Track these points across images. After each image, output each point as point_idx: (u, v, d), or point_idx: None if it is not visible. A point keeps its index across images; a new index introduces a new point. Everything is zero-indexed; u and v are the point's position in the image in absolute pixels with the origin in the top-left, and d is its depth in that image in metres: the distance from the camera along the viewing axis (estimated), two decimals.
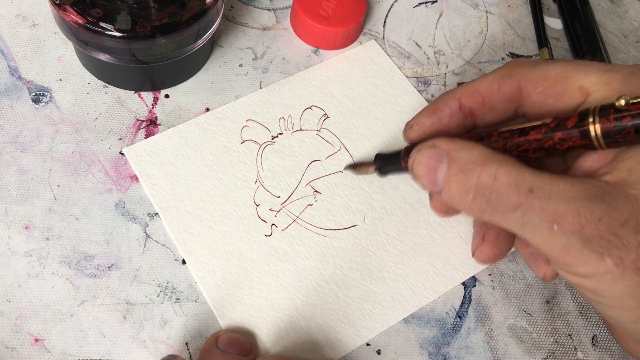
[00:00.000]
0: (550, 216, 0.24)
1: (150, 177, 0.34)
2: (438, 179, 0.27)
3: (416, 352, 0.32)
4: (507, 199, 0.24)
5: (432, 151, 0.27)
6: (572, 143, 0.25)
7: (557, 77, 0.27)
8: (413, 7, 0.45)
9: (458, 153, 0.26)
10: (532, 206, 0.24)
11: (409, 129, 0.31)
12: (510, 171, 0.25)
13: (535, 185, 0.24)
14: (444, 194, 0.27)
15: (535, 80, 0.28)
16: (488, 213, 0.25)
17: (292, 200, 0.35)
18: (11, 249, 0.32)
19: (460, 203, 0.26)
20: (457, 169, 0.26)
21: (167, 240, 0.33)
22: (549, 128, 0.25)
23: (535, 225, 0.24)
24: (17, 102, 0.36)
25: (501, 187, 0.25)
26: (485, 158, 0.25)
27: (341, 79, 0.40)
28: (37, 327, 0.30)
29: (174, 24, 0.33)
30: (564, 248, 0.24)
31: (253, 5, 0.42)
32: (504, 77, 0.29)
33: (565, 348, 0.33)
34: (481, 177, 0.25)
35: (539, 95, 0.28)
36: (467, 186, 0.25)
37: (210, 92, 0.38)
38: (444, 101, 0.30)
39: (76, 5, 0.32)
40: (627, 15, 0.48)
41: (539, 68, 0.28)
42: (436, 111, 0.30)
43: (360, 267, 0.34)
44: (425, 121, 0.30)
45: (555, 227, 0.24)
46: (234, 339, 0.30)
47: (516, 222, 0.25)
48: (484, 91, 0.29)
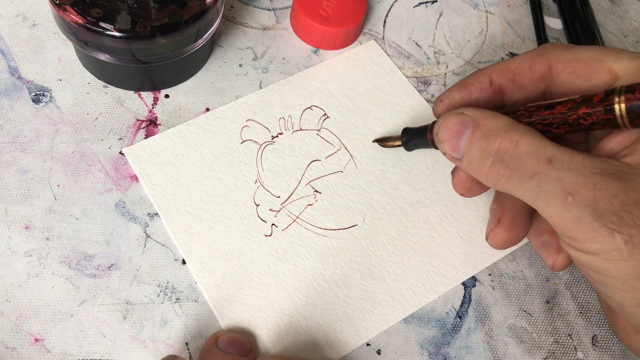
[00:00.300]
0: (566, 187, 0.24)
1: (150, 177, 0.34)
2: (461, 145, 0.27)
3: (416, 352, 0.32)
4: (526, 166, 0.25)
5: (458, 117, 0.28)
6: (596, 118, 0.25)
7: (588, 60, 0.27)
8: (413, 7, 0.45)
9: (484, 120, 0.27)
10: (549, 176, 0.24)
11: (438, 102, 0.31)
12: (532, 140, 0.25)
13: (555, 157, 0.24)
14: (465, 159, 0.27)
15: (566, 61, 0.28)
16: (505, 179, 0.26)
17: (292, 200, 0.35)
18: (11, 249, 0.32)
19: (479, 169, 0.27)
20: (481, 134, 0.26)
21: (167, 240, 0.33)
22: (575, 102, 0.26)
23: (550, 195, 0.24)
24: (17, 102, 0.36)
25: (521, 153, 0.25)
26: (509, 126, 0.26)
27: (341, 79, 0.40)
28: (37, 327, 0.30)
29: (174, 24, 0.33)
30: (575, 220, 0.24)
31: (253, 5, 0.42)
32: (535, 57, 0.29)
33: (565, 348, 0.33)
34: (503, 143, 0.26)
35: (568, 75, 0.28)
36: (488, 151, 0.26)
37: (210, 92, 0.38)
38: (475, 76, 0.30)
39: (76, 5, 0.32)
40: (627, 15, 0.48)
41: (572, 50, 0.28)
42: (466, 86, 0.30)
43: (360, 267, 0.34)
44: (455, 95, 0.31)
45: (570, 199, 0.24)
46: (234, 339, 0.30)
47: (531, 191, 0.25)
48: (515, 69, 0.30)
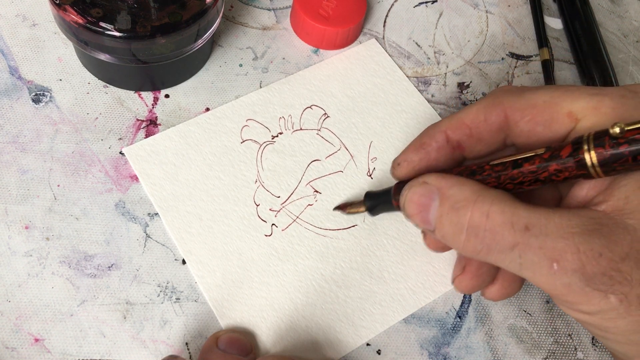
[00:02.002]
0: (549, 255, 0.23)
1: (150, 177, 0.34)
2: (430, 218, 0.26)
3: (416, 352, 0.32)
4: (503, 239, 0.24)
5: (423, 188, 0.26)
6: (569, 174, 0.24)
7: (544, 104, 0.26)
8: (413, 7, 0.45)
9: (450, 190, 0.25)
10: (530, 245, 0.23)
11: (396, 166, 0.30)
12: (504, 209, 0.24)
13: (531, 222, 0.23)
14: (437, 232, 0.26)
15: (522, 109, 0.27)
16: (483, 253, 0.25)
17: (292, 200, 0.35)
18: (11, 249, 0.32)
19: (454, 243, 0.25)
20: (449, 207, 0.25)
21: (167, 240, 0.33)
22: (543, 159, 0.25)
23: (535, 264, 0.23)
24: (17, 102, 0.36)
25: (495, 226, 0.24)
26: (477, 195, 0.25)
27: (341, 78, 0.40)
28: (37, 327, 0.30)
29: (174, 24, 0.33)
30: (565, 287, 0.23)
31: (253, 5, 0.42)
32: (489, 107, 0.28)
33: (565, 348, 0.33)
34: (473, 216, 0.24)
35: (527, 123, 0.27)
36: (460, 225, 0.25)
37: (210, 92, 0.38)
38: (430, 135, 0.29)
39: (76, 5, 0.32)
40: (627, 15, 0.48)
41: (525, 96, 0.27)
42: (423, 146, 0.29)
43: (360, 267, 0.34)
44: (412, 157, 0.29)
45: (556, 266, 0.23)
46: (234, 339, 0.30)
47: (514, 263, 0.24)
48: (470, 122, 0.28)
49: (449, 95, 0.41)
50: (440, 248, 0.31)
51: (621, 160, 0.23)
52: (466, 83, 0.42)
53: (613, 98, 0.25)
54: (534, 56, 0.44)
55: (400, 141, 0.38)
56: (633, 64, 0.45)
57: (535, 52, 0.44)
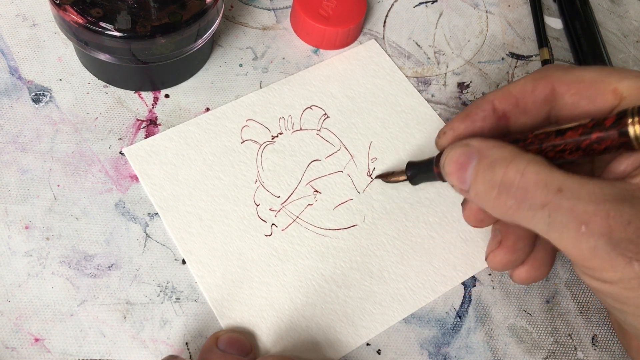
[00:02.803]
0: (579, 217, 0.23)
1: (150, 177, 0.34)
2: (467, 177, 0.27)
3: (416, 352, 0.32)
4: (534, 197, 0.24)
5: (463, 149, 0.27)
6: (610, 142, 0.24)
7: (591, 80, 0.27)
8: (413, 7, 0.45)
9: (490, 150, 0.26)
10: (561, 206, 0.23)
11: (442, 135, 0.30)
12: (539, 170, 0.24)
13: (565, 185, 0.24)
14: (472, 191, 0.27)
15: (569, 82, 0.28)
16: (512, 211, 0.25)
17: (292, 200, 0.35)
18: (11, 249, 0.32)
19: (486, 200, 0.26)
20: (486, 165, 0.26)
21: (167, 240, 0.33)
22: (587, 128, 0.25)
23: (563, 225, 0.24)
24: (17, 102, 0.36)
25: (529, 183, 0.24)
26: (514, 155, 0.25)
27: (341, 78, 0.40)
28: (37, 327, 0.30)
29: (174, 24, 0.33)
30: (591, 251, 0.23)
31: (253, 5, 0.42)
32: (537, 79, 0.28)
33: (565, 348, 0.33)
34: (508, 173, 0.25)
35: (572, 97, 0.27)
36: (493, 182, 0.25)
37: (210, 92, 0.38)
38: (477, 105, 0.30)
39: (76, 5, 0.32)
40: (627, 15, 0.48)
41: (573, 71, 0.28)
42: (469, 115, 0.30)
43: (360, 267, 0.34)
44: (458, 126, 0.30)
45: (584, 229, 0.23)
46: (234, 339, 0.30)
47: (542, 222, 0.24)
48: (518, 93, 0.29)
49: (449, 95, 0.41)
50: (478, 221, 0.31)
51: None
52: (466, 83, 0.42)
53: None
54: (534, 56, 0.44)
55: (400, 141, 0.38)
56: (633, 64, 0.45)
57: (535, 52, 0.44)
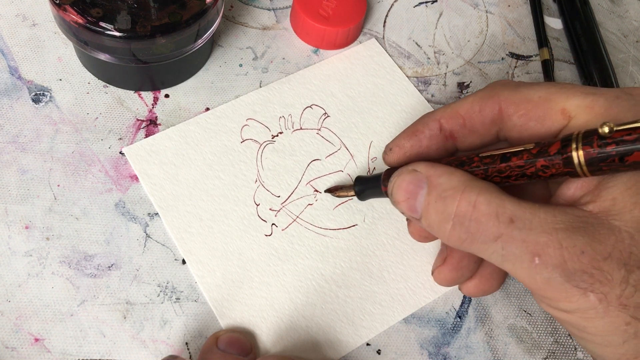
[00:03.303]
0: (531, 248, 0.23)
1: (150, 177, 0.34)
2: (417, 206, 0.26)
3: (416, 352, 0.32)
4: (487, 229, 0.24)
5: (412, 176, 0.26)
6: (555, 170, 0.24)
7: (539, 100, 0.26)
8: (413, 7, 0.45)
9: (439, 179, 0.25)
10: (513, 237, 0.23)
11: (388, 151, 0.30)
12: (490, 200, 0.24)
13: (516, 215, 0.23)
14: (423, 220, 0.26)
15: (516, 102, 0.27)
16: (467, 243, 0.25)
17: (292, 199, 0.35)
18: (11, 249, 0.32)
19: (439, 231, 0.25)
20: (437, 196, 0.25)
21: (167, 240, 0.33)
22: (531, 154, 0.25)
23: (516, 257, 0.23)
24: (17, 102, 0.36)
25: (480, 216, 0.24)
26: (465, 185, 0.25)
27: (341, 77, 0.40)
28: (37, 327, 0.30)
29: (174, 24, 0.33)
30: (545, 282, 0.23)
31: (253, 5, 0.42)
32: (484, 99, 0.28)
33: (565, 348, 0.33)
34: (460, 205, 0.24)
35: (520, 117, 0.27)
36: (446, 214, 0.25)
37: (210, 92, 0.38)
38: (424, 123, 0.29)
39: (76, 5, 0.32)
40: (627, 15, 0.48)
41: (521, 90, 0.27)
42: (416, 133, 0.29)
43: (360, 267, 0.34)
44: (404, 143, 0.29)
45: (537, 260, 0.23)
46: (234, 339, 0.30)
47: (496, 254, 0.24)
48: (465, 113, 0.28)
49: (449, 95, 0.41)
50: (424, 237, 0.31)
51: (608, 161, 0.22)
52: (466, 83, 0.42)
53: (607, 98, 0.25)
54: (534, 56, 0.44)
55: None
56: (633, 64, 0.45)
57: (535, 52, 0.44)
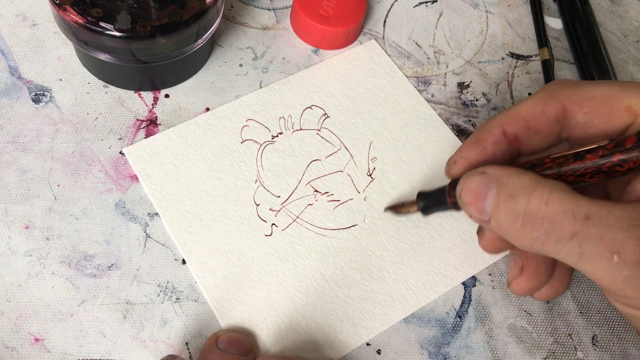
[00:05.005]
0: (610, 246, 0.22)
1: (150, 177, 0.34)
2: (486, 207, 0.25)
3: (416, 352, 0.32)
4: (562, 227, 0.23)
5: (481, 177, 0.26)
6: (633, 164, 0.24)
7: (603, 97, 0.26)
8: (413, 7, 0.45)
9: (509, 179, 0.25)
10: (590, 235, 0.22)
11: (452, 164, 0.29)
12: (563, 197, 0.23)
13: (592, 212, 0.23)
14: (493, 221, 0.25)
15: (580, 101, 0.27)
16: (539, 243, 0.24)
17: (292, 200, 0.35)
18: (11, 249, 0.32)
19: (509, 231, 0.25)
20: (507, 195, 0.25)
21: (167, 240, 0.33)
22: (607, 150, 0.24)
23: (594, 255, 0.23)
24: (17, 102, 0.36)
25: (554, 213, 0.23)
26: (536, 183, 0.24)
27: (341, 78, 0.40)
28: (37, 327, 0.30)
29: (174, 24, 0.33)
30: (624, 280, 0.22)
31: (253, 5, 0.42)
32: (546, 99, 0.27)
33: (565, 348, 0.33)
34: (531, 202, 0.24)
35: (584, 115, 0.26)
36: (516, 212, 0.24)
37: (210, 92, 0.38)
38: (487, 130, 0.28)
39: (76, 5, 0.32)
40: (627, 15, 0.48)
41: (583, 88, 0.27)
42: (480, 142, 0.28)
43: (360, 267, 0.34)
44: (469, 154, 0.28)
45: (616, 258, 0.22)
46: (234, 339, 0.30)
47: (572, 253, 0.23)
48: (527, 114, 0.28)
49: (449, 95, 0.41)
50: (495, 248, 0.30)
51: None
52: (466, 83, 0.42)
53: None
54: (534, 56, 0.44)
55: (400, 141, 0.38)
56: (633, 64, 0.45)
57: (535, 52, 0.44)
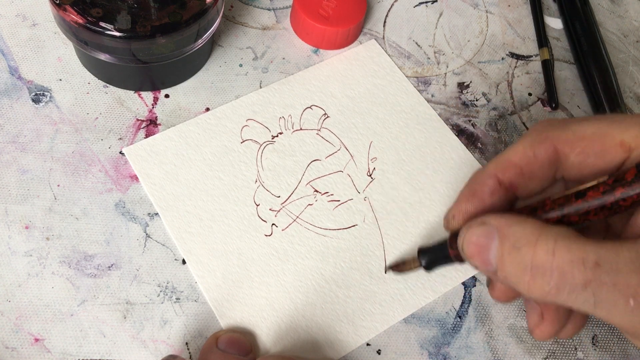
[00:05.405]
0: (624, 291, 0.22)
1: (150, 177, 0.34)
2: (491, 258, 0.25)
3: (416, 352, 0.32)
4: (573, 277, 0.22)
5: (482, 229, 0.25)
6: (637, 197, 0.23)
7: (594, 135, 0.26)
8: (413, 7, 0.45)
9: (510, 229, 0.24)
10: (602, 282, 0.22)
11: (451, 219, 0.29)
12: (570, 245, 0.23)
13: (601, 258, 0.22)
14: (499, 273, 0.25)
15: (571, 141, 0.26)
16: (552, 295, 0.23)
17: (292, 200, 0.35)
18: (11, 249, 0.32)
19: (519, 284, 0.24)
20: (510, 246, 0.24)
21: (167, 240, 0.33)
22: (608, 185, 0.24)
23: (609, 302, 0.22)
24: (17, 102, 0.36)
25: (563, 264, 0.22)
26: (539, 232, 0.23)
27: (341, 78, 0.40)
28: (37, 327, 0.30)
29: (174, 24, 0.33)
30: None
31: (253, 5, 0.42)
32: (536, 143, 0.27)
33: (565, 348, 0.33)
34: (537, 254, 0.23)
35: (578, 155, 0.26)
36: (523, 265, 0.23)
37: (210, 92, 0.38)
38: (481, 182, 0.28)
39: (76, 5, 0.32)
40: (627, 15, 0.48)
41: (572, 128, 0.26)
42: (475, 194, 0.28)
43: (360, 267, 0.34)
44: (467, 207, 0.28)
45: (632, 302, 0.22)
46: (234, 339, 0.30)
47: (587, 302, 0.23)
48: (519, 161, 0.27)
49: (449, 95, 0.41)
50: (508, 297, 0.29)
51: None
52: (466, 83, 0.42)
53: None
54: (534, 56, 0.44)
55: (400, 141, 0.38)
56: (633, 64, 0.45)
57: (535, 52, 0.44)
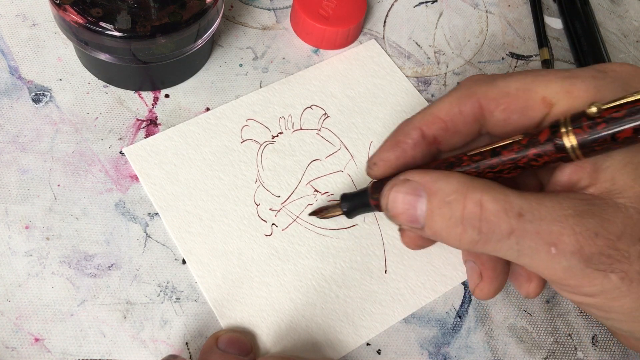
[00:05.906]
0: (546, 239, 0.23)
1: (151, 177, 0.34)
2: (418, 215, 0.25)
3: (416, 352, 0.32)
4: (499, 227, 0.23)
5: (407, 186, 0.25)
6: (548, 158, 0.24)
7: (518, 92, 0.26)
8: (413, 7, 0.45)
9: (436, 184, 0.25)
10: (526, 231, 0.23)
11: (372, 166, 0.29)
12: (496, 196, 0.23)
13: (524, 208, 0.23)
14: (427, 229, 0.25)
15: (496, 98, 0.26)
16: (481, 244, 0.24)
17: (292, 199, 0.35)
18: (11, 249, 0.32)
19: (449, 237, 0.25)
20: (440, 202, 0.24)
21: (167, 240, 0.33)
22: (521, 145, 0.24)
23: (532, 250, 0.23)
24: (17, 102, 0.36)
25: (489, 215, 0.23)
26: (466, 186, 0.24)
27: (341, 78, 0.40)
28: (37, 326, 0.30)
29: (174, 24, 0.33)
30: (565, 270, 0.23)
31: (253, 5, 0.42)
32: (462, 99, 0.27)
33: (565, 348, 0.33)
34: (467, 207, 0.24)
35: (502, 112, 0.26)
36: (454, 218, 0.24)
37: (211, 92, 0.38)
38: (405, 132, 0.28)
39: (76, 5, 0.32)
40: (627, 15, 0.48)
41: (498, 84, 0.27)
42: (398, 144, 0.28)
43: (360, 267, 0.34)
44: (389, 156, 0.28)
45: (554, 250, 0.23)
46: (234, 339, 0.30)
47: (511, 250, 0.24)
48: (445, 116, 0.28)
49: None
50: (419, 246, 0.30)
51: (600, 140, 0.22)
52: None
53: (584, 79, 0.25)
54: (534, 56, 0.44)
55: None
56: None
57: (535, 52, 0.44)
